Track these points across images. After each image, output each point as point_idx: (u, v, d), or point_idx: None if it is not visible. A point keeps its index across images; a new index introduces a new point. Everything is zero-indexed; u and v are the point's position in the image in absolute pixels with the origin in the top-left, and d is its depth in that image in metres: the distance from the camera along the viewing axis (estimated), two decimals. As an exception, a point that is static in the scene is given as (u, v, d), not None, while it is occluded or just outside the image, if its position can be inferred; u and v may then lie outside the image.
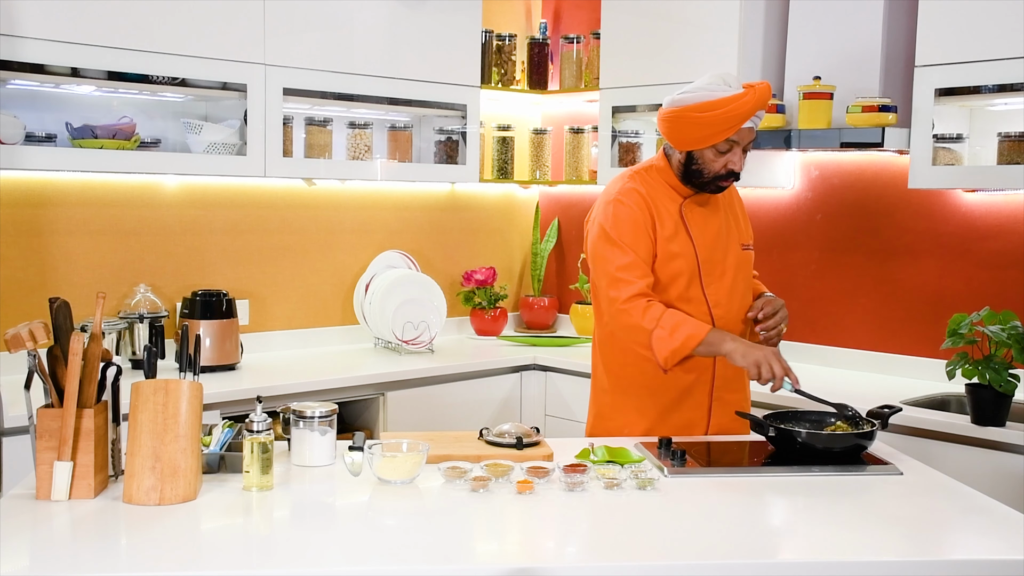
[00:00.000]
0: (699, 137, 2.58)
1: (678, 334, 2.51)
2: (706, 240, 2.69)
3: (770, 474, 2.32)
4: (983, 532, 2.00)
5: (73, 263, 3.49)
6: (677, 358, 2.54)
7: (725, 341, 2.53)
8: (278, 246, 4.00)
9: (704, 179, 2.64)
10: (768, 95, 2.57)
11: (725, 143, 2.58)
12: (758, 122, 2.61)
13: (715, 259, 2.69)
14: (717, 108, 2.53)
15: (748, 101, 2.53)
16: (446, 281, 4.43)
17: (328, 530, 1.91)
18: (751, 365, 2.48)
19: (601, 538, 1.94)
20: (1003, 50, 3.13)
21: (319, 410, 2.31)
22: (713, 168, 2.62)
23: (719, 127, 2.55)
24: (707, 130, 2.56)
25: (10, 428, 2.81)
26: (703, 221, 2.70)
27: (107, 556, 1.78)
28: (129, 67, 3.25)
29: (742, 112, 2.53)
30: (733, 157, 2.61)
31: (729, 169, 2.62)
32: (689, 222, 2.68)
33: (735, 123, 2.54)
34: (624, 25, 4.10)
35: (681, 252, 2.65)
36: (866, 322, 3.84)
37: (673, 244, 2.65)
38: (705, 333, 2.52)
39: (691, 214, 2.69)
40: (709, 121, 2.54)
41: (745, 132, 2.59)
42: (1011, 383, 2.91)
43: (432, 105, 4.07)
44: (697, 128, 2.57)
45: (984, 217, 3.54)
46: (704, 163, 2.62)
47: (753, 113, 2.55)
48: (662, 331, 2.53)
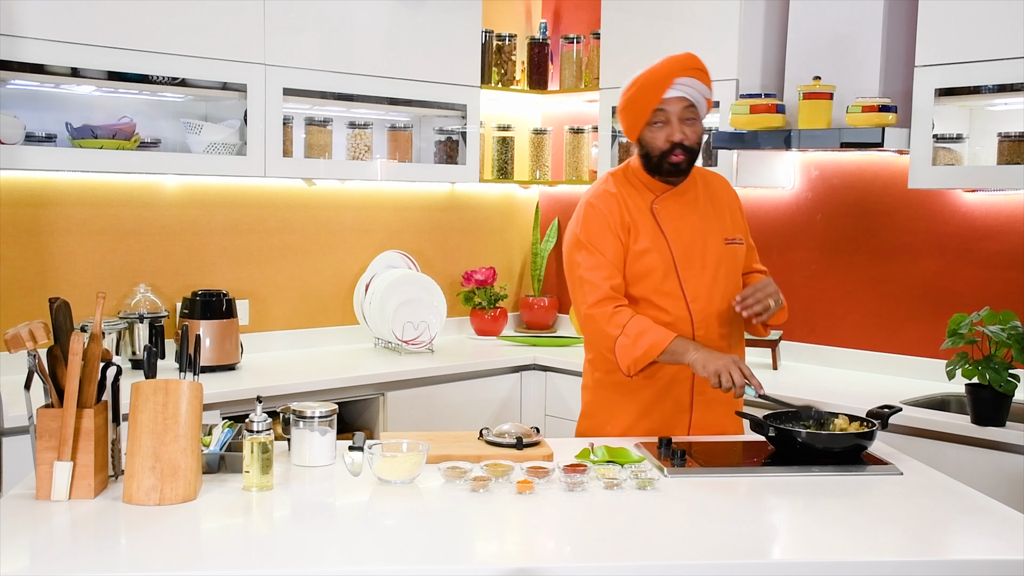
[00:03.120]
0: (633, 118, 2.64)
1: (641, 342, 2.52)
2: (682, 235, 2.69)
3: (770, 474, 2.32)
4: (983, 532, 2.00)
5: (73, 263, 3.49)
6: (640, 366, 2.55)
7: (688, 351, 2.52)
8: (278, 246, 4.00)
9: (655, 160, 2.66)
10: (687, 61, 2.60)
11: (658, 114, 2.61)
12: (691, 92, 2.61)
13: (693, 253, 2.69)
14: (635, 85, 2.63)
15: (659, 68, 2.59)
16: (446, 281, 4.43)
17: (328, 530, 1.92)
18: (711, 375, 2.47)
19: (601, 538, 1.94)
20: (1003, 50, 3.13)
21: (319, 410, 2.31)
22: (656, 145, 2.64)
23: (642, 102, 2.61)
24: (634, 108, 2.63)
25: (10, 428, 2.81)
26: (678, 216, 2.70)
27: (107, 556, 1.78)
28: (129, 67, 3.25)
29: (656, 79, 2.58)
30: (671, 129, 2.62)
31: (671, 142, 2.62)
32: (661, 217, 2.69)
33: (653, 92, 2.59)
34: (624, 25, 4.09)
35: (653, 247, 2.66)
36: (866, 322, 3.84)
37: (644, 240, 2.66)
38: (668, 342, 2.51)
39: (664, 209, 2.70)
40: (632, 99, 2.63)
41: (672, 101, 2.61)
42: (1011, 383, 2.91)
43: (432, 105, 4.07)
44: (627, 111, 2.65)
45: (984, 217, 3.54)
46: (648, 144, 2.65)
47: (669, 78, 2.58)
48: (626, 339, 2.54)
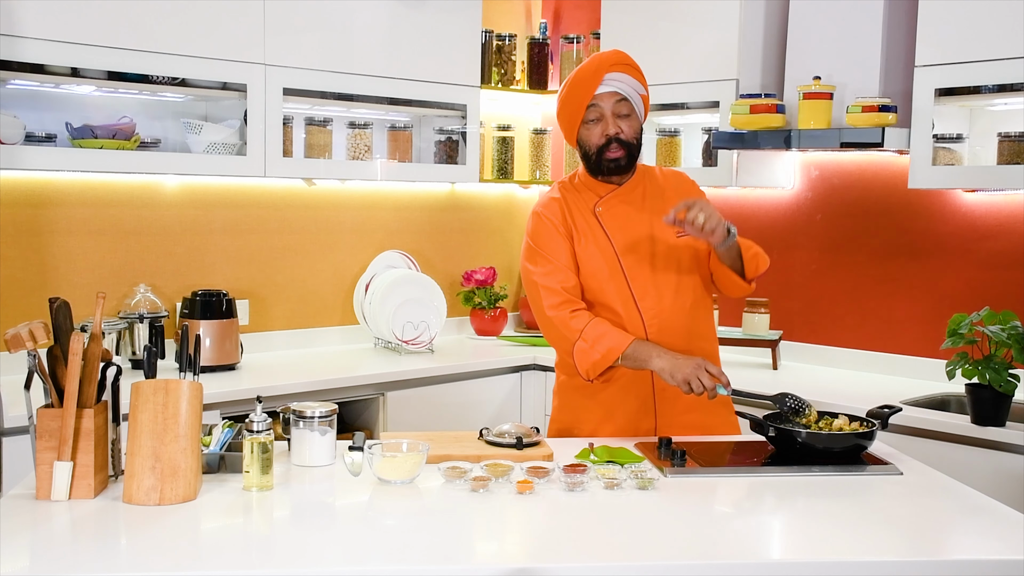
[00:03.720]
0: (568, 119, 2.66)
1: (599, 346, 2.51)
2: (626, 235, 2.68)
3: (770, 474, 2.32)
4: (983, 532, 2.00)
5: (73, 263, 3.49)
6: (598, 370, 2.54)
7: (652, 358, 2.51)
8: (278, 246, 4.00)
9: (593, 160, 2.67)
10: (612, 55, 2.62)
11: (591, 111, 2.62)
12: (622, 86, 2.61)
13: (640, 252, 2.68)
14: (566, 86, 2.66)
15: (587, 66, 2.62)
16: (446, 281, 4.43)
17: (328, 530, 1.91)
18: (681, 383, 2.47)
19: (601, 538, 1.94)
20: (1003, 50, 3.13)
21: (319, 410, 2.31)
22: (592, 142, 2.65)
23: (574, 101, 2.63)
24: (568, 108, 2.65)
25: (10, 428, 2.81)
26: (623, 216, 2.70)
27: (107, 556, 1.78)
28: (129, 67, 3.25)
29: (586, 77, 2.60)
30: (604, 124, 2.63)
31: (606, 135, 2.63)
32: (604, 219, 2.69)
33: (584, 89, 2.60)
34: (624, 25, 4.09)
35: (597, 250, 2.67)
36: (866, 322, 3.84)
37: (588, 243, 2.67)
38: (626, 346, 2.51)
39: (608, 211, 2.70)
40: (565, 100, 2.66)
41: (604, 96, 2.61)
42: (1011, 383, 2.91)
43: (432, 105, 4.07)
44: (563, 114, 2.68)
45: (984, 217, 3.54)
46: (585, 142, 2.67)
47: (597, 75, 2.59)
48: (584, 343, 2.54)
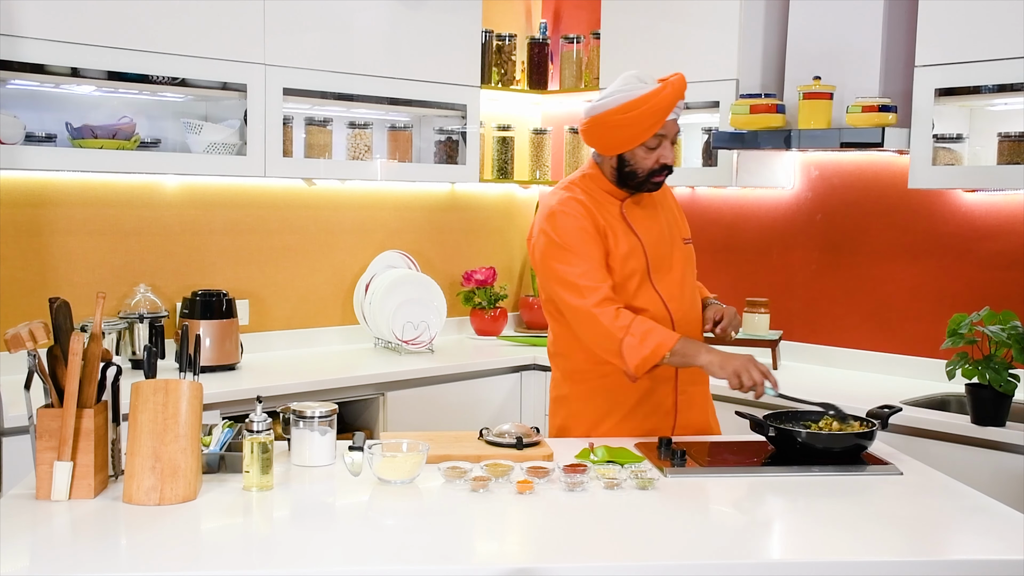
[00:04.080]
0: (627, 138, 2.60)
1: (648, 342, 2.49)
2: (651, 237, 2.69)
3: (770, 474, 2.32)
4: (983, 532, 2.00)
5: (73, 263, 3.49)
6: (647, 366, 2.51)
7: (700, 353, 2.51)
8: (278, 246, 4.00)
9: (639, 179, 2.65)
10: (684, 85, 2.60)
11: (654, 139, 2.60)
12: (680, 113, 2.63)
13: (662, 255, 2.69)
14: (639, 106, 2.55)
15: (668, 94, 2.56)
16: (446, 281, 4.43)
17: (328, 530, 1.92)
18: (731, 375, 2.46)
19: (601, 538, 1.94)
20: (1003, 50, 3.13)
21: (319, 410, 2.31)
22: (646, 166, 2.63)
23: (644, 124, 2.57)
24: (633, 129, 2.58)
25: (10, 428, 2.81)
26: (646, 220, 2.71)
27: (107, 556, 1.78)
28: (129, 67, 3.25)
29: (664, 105, 2.56)
30: (664, 151, 2.62)
31: (662, 163, 2.63)
32: (632, 222, 2.68)
33: (659, 117, 2.57)
34: (624, 25, 4.10)
35: (631, 252, 2.65)
36: (866, 322, 3.84)
37: (622, 246, 2.64)
38: (674, 342, 2.49)
39: (632, 214, 2.69)
40: (634, 120, 2.57)
41: (670, 124, 2.61)
42: (1011, 383, 2.91)
43: (432, 105, 4.07)
44: (623, 130, 2.59)
45: (984, 217, 3.54)
46: (636, 163, 2.63)
47: (674, 105, 2.58)
48: (632, 339, 2.49)
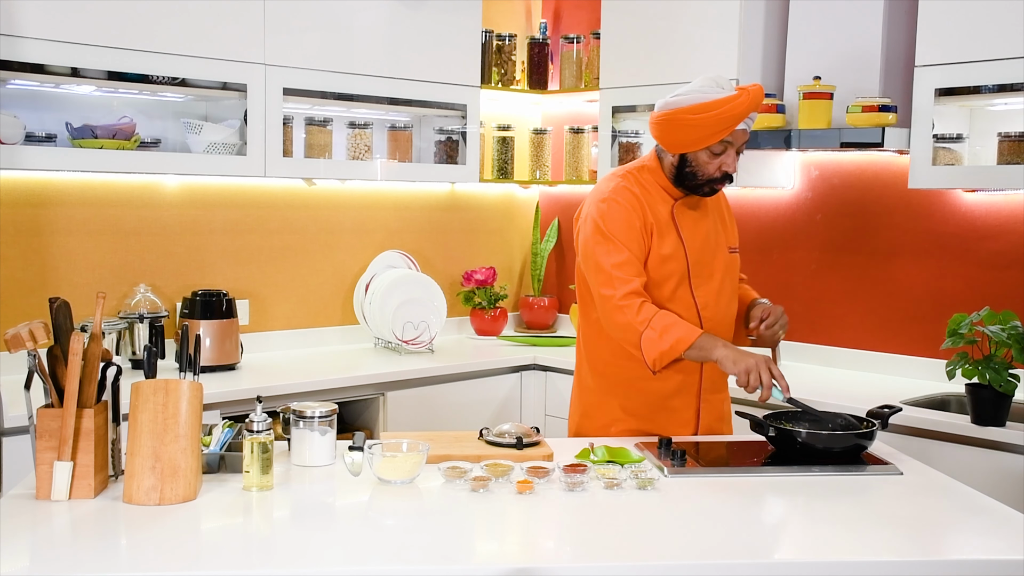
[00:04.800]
0: (693, 139, 2.58)
1: (668, 336, 2.50)
2: (696, 242, 2.69)
3: (770, 474, 2.32)
4: (983, 532, 2.00)
5: (73, 263, 3.49)
6: (666, 360, 2.52)
7: (716, 347, 2.51)
8: (278, 246, 4.00)
9: (698, 181, 2.63)
10: (761, 97, 2.57)
11: (719, 145, 2.58)
12: (751, 124, 2.61)
13: (704, 261, 2.69)
14: (711, 110, 2.53)
15: (742, 103, 2.53)
16: (446, 281, 4.43)
17: (328, 530, 1.92)
18: (741, 372, 2.46)
19: (601, 538, 1.94)
20: (1003, 50, 3.13)
21: (319, 410, 2.31)
22: (707, 170, 2.61)
23: (713, 128, 2.55)
24: (701, 132, 2.56)
25: (10, 428, 2.81)
26: (693, 223, 2.70)
27: (107, 556, 1.78)
28: (129, 67, 3.25)
29: (736, 113, 2.53)
30: (727, 159, 2.61)
31: (723, 171, 2.62)
32: (680, 224, 2.68)
33: (729, 124, 2.54)
34: (624, 25, 4.10)
35: (672, 254, 2.65)
36: (866, 322, 3.84)
37: (665, 246, 2.64)
38: (695, 337, 2.50)
39: (682, 216, 2.69)
40: (703, 123, 2.55)
41: (739, 134, 2.59)
42: (1011, 383, 2.91)
43: (432, 105, 4.07)
44: (691, 130, 2.57)
45: (984, 217, 3.54)
46: (698, 165, 2.61)
47: (747, 115, 2.55)
48: (652, 332, 2.51)
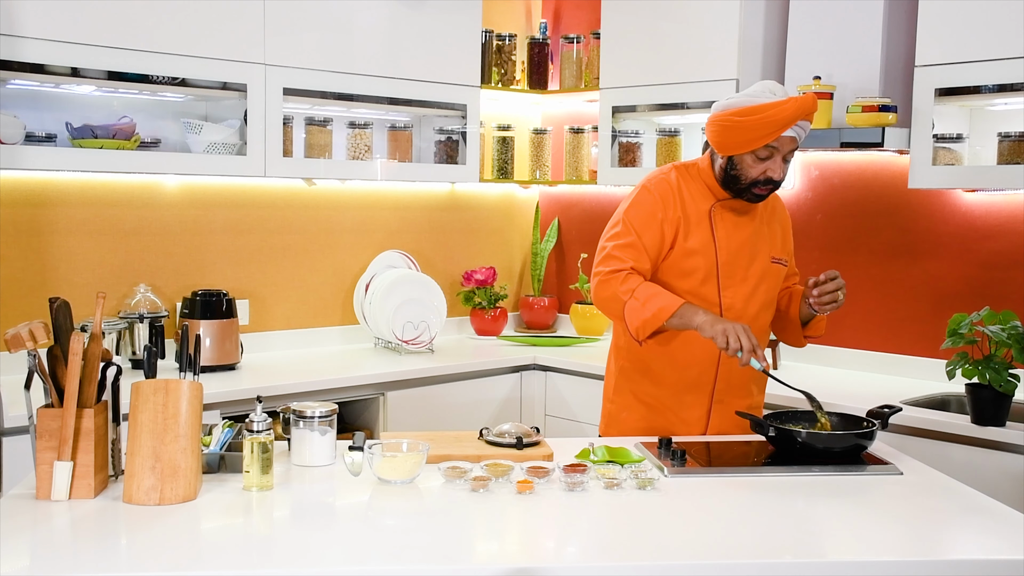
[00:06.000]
0: (739, 141, 2.59)
1: (651, 305, 2.53)
2: (731, 244, 2.69)
3: (770, 474, 2.32)
4: (983, 532, 2.00)
5: (73, 263, 3.49)
6: (649, 329, 2.55)
7: (697, 314, 2.53)
8: (278, 246, 4.00)
9: (742, 185, 2.64)
10: (812, 107, 2.56)
11: (764, 149, 2.58)
12: (803, 134, 2.60)
13: (738, 264, 2.69)
14: (757, 113, 2.55)
15: (788, 108, 2.53)
16: (446, 281, 4.43)
17: (328, 530, 1.92)
18: (718, 334, 2.48)
19: (601, 538, 1.94)
20: (1003, 50, 3.13)
21: (319, 410, 2.31)
22: (751, 174, 2.62)
23: (759, 132, 2.55)
24: (747, 135, 2.57)
25: (10, 428, 2.81)
26: (732, 226, 2.70)
27: (107, 556, 1.78)
28: (129, 67, 3.25)
29: (782, 119, 2.53)
30: (772, 165, 2.60)
31: (767, 177, 2.61)
32: (716, 223, 2.69)
33: (774, 129, 2.54)
34: (624, 25, 4.10)
35: (701, 249, 2.66)
36: (866, 322, 3.84)
37: (693, 240, 2.66)
38: (678, 306, 2.53)
39: (721, 216, 2.70)
40: (749, 125, 2.56)
41: (786, 140, 2.59)
42: (1011, 383, 2.91)
43: (432, 105, 4.07)
44: (738, 132, 2.58)
45: (984, 217, 3.54)
46: (743, 168, 2.62)
47: (793, 121, 2.54)
48: (635, 301, 2.55)
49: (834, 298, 2.65)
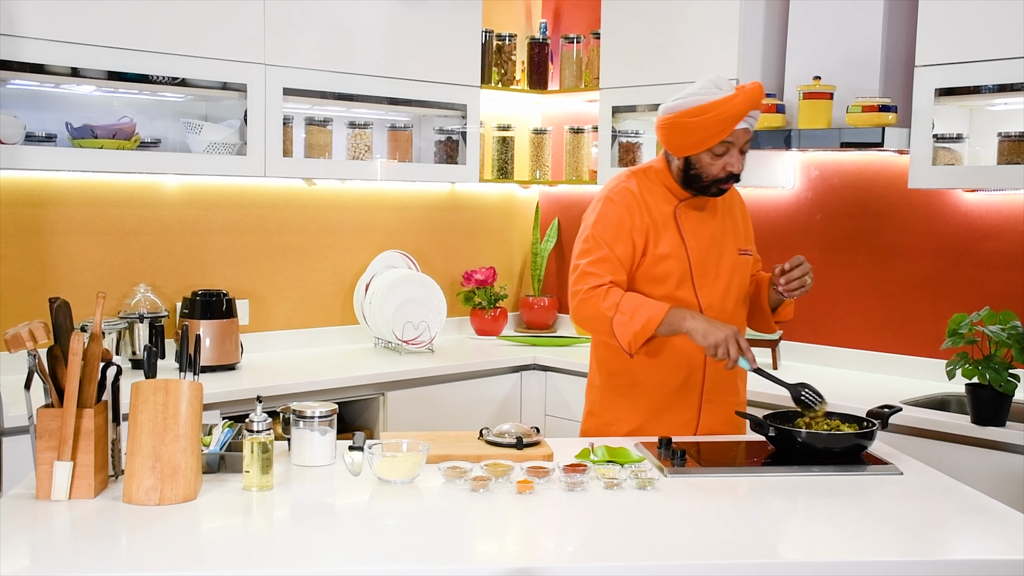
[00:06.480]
0: (694, 141, 2.58)
1: (638, 317, 2.52)
2: (700, 243, 2.68)
3: (770, 474, 2.32)
4: (983, 532, 2.00)
5: (73, 263, 3.49)
6: (640, 341, 2.53)
7: (686, 319, 2.52)
8: (278, 246, 4.00)
9: (704, 183, 2.63)
10: (760, 95, 2.56)
11: (720, 146, 2.58)
12: (754, 123, 2.60)
13: (709, 262, 2.69)
14: (709, 111, 2.54)
15: (739, 102, 2.53)
16: (446, 281, 4.43)
17: (328, 530, 1.92)
18: (710, 346, 2.47)
19: (601, 538, 1.94)
20: (1003, 50, 3.13)
21: (319, 410, 2.31)
22: (711, 172, 2.61)
23: (712, 130, 2.55)
24: (701, 134, 2.56)
25: (10, 428, 2.81)
26: (698, 224, 2.70)
27: (107, 556, 1.78)
28: (129, 67, 3.25)
29: (733, 114, 2.53)
30: (730, 159, 2.60)
31: (728, 171, 2.61)
32: (682, 224, 2.68)
33: (727, 125, 2.54)
34: (624, 25, 4.10)
35: (672, 253, 2.65)
36: (866, 322, 3.84)
37: (663, 244, 2.64)
38: (664, 313, 2.52)
39: (685, 216, 2.69)
40: (702, 125, 2.55)
41: (740, 133, 2.59)
42: (1011, 383, 2.91)
43: (432, 105, 4.07)
44: (691, 133, 2.57)
45: (984, 217, 3.54)
46: (702, 167, 2.62)
47: (745, 114, 2.55)
48: (623, 316, 2.53)
49: (802, 283, 2.64)
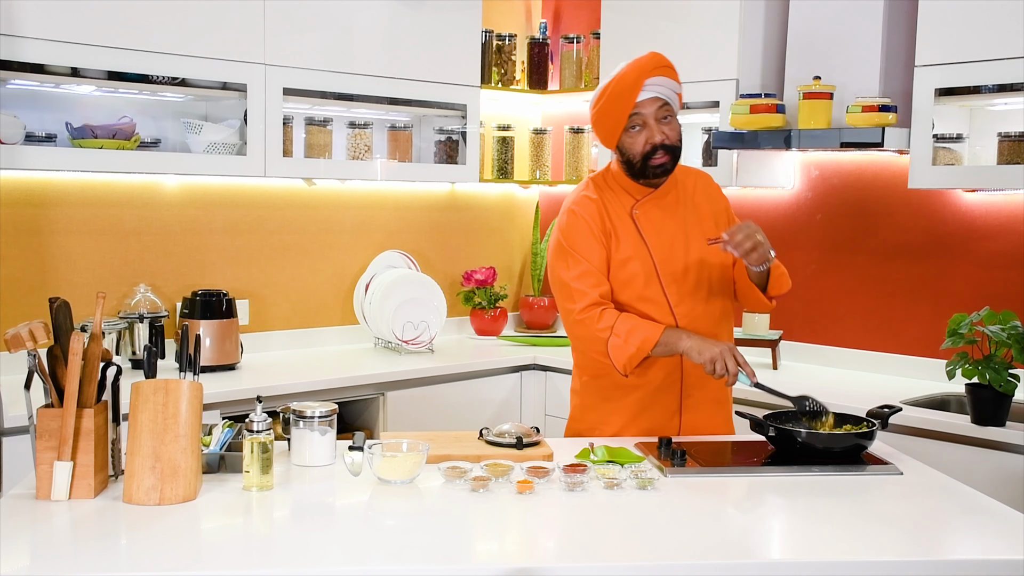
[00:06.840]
0: (608, 128, 2.61)
1: (633, 339, 2.51)
2: (662, 240, 2.66)
3: (770, 474, 2.32)
4: (983, 532, 2.00)
5: (73, 263, 3.49)
6: (635, 363, 2.54)
7: (681, 339, 2.52)
8: (278, 246, 4.00)
9: (637, 165, 2.63)
10: (653, 60, 2.56)
11: (633, 119, 2.59)
12: (663, 91, 2.58)
13: (675, 257, 2.66)
14: (604, 94, 2.60)
15: (626, 72, 2.56)
16: (446, 281, 4.43)
17: (328, 530, 1.92)
18: (707, 362, 2.47)
19: (601, 538, 1.94)
20: (1003, 50, 3.13)
21: (319, 410, 2.31)
22: (636, 150, 2.61)
23: (614, 110, 2.58)
24: (608, 119, 2.60)
25: (10, 428, 2.81)
26: (658, 222, 2.68)
27: (107, 556, 1.78)
28: (129, 67, 3.25)
29: (624, 86, 2.55)
30: (649, 132, 2.59)
31: (652, 144, 2.60)
32: (641, 224, 2.67)
33: (625, 99, 2.56)
34: (624, 25, 4.10)
35: (634, 254, 2.64)
36: (866, 322, 3.84)
37: (625, 247, 2.64)
38: (659, 334, 2.51)
39: (645, 215, 2.68)
40: (605, 110, 2.60)
41: (646, 103, 2.58)
42: (1011, 383, 2.91)
43: (432, 105, 4.07)
44: (602, 120, 2.62)
45: (984, 217, 3.54)
46: (627, 149, 2.63)
47: (638, 82, 2.54)
48: (617, 338, 2.53)
49: (754, 244, 2.48)
